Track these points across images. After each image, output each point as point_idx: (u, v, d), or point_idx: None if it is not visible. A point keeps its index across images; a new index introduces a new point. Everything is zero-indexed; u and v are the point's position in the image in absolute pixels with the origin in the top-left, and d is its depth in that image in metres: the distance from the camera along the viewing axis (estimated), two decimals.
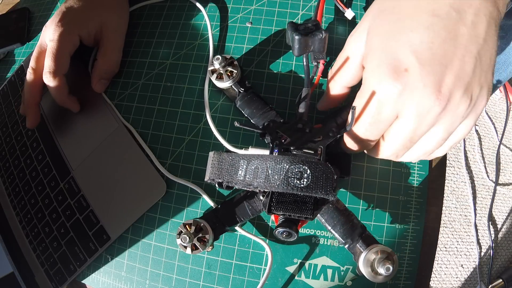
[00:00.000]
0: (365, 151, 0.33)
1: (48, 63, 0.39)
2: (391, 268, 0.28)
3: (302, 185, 0.27)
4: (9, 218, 0.44)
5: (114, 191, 0.40)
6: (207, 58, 0.43)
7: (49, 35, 0.40)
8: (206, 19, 0.44)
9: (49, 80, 0.40)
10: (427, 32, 0.24)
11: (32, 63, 0.41)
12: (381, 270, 0.29)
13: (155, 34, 0.46)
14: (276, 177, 0.28)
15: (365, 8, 0.43)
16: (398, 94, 0.25)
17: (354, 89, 0.32)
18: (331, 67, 0.34)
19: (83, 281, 0.40)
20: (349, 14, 0.40)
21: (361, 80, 0.29)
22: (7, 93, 0.50)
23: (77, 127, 0.44)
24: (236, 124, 0.30)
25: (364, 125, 0.29)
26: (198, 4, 0.45)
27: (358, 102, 0.29)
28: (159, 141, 0.41)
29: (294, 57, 0.41)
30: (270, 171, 0.28)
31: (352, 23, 0.42)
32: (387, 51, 0.26)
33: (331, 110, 0.37)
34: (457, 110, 0.25)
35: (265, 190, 0.30)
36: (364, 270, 0.30)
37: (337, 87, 0.33)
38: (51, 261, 0.40)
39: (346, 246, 0.32)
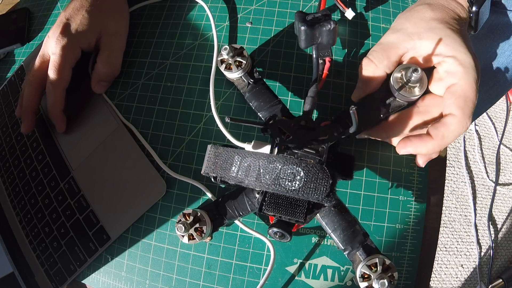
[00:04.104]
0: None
1: (51, 75, 0.40)
2: (386, 283, 0.27)
3: (293, 188, 0.27)
4: (9, 218, 0.44)
5: (114, 191, 0.40)
6: (207, 58, 0.43)
7: (51, 47, 0.40)
8: (209, 15, 0.44)
9: (50, 91, 0.40)
10: None
11: (33, 71, 0.41)
12: (376, 285, 0.27)
13: (155, 34, 0.46)
14: (267, 177, 0.27)
15: (365, 8, 0.43)
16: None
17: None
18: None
19: (83, 281, 0.40)
20: (349, 14, 0.40)
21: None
22: (7, 93, 0.50)
23: (77, 127, 0.44)
24: (226, 119, 0.29)
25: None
26: (201, 2, 0.45)
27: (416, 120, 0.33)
28: (159, 141, 0.41)
29: (294, 57, 0.41)
30: (261, 170, 0.27)
31: (352, 23, 0.42)
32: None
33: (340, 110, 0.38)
34: None
35: (256, 189, 0.29)
36: (360, 281, 0.29)
37: (379, 71, 0.34)
38: (51, 261, 0.40)
39: (346, 253, 0.30)
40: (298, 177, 0.27)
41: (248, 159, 0.28)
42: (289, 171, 0.27)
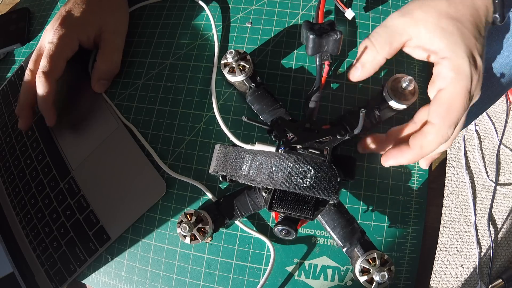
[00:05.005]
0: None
1: (43, 63, 0.39)
2: (386, 275, 0.28)
3: (304, 185, 0.28)
4: (9, 218, 0.44)
5: (114, 191, 0.40)
6: (207, 58, 0.43)
7: (48, 37, 0.40)
8: (209, 15, 0.44)
9: (40, 80, 0.39)
10: None
11: (30, 65, 0.41)
12: (377, 277, 0.28)
13: (155, 34, 0.46)
14: (279, 175, 0.28)
15: (365, 8, 0.43)
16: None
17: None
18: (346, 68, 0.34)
19: (83, 281, 0.40)
20: (349, 14, 0.40)
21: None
22: (7, 93, 0.50)
23: (77, 127, 0.44)
24: (244, 119, 0.30)
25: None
26: (201, 2, 0.45)
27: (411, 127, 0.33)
28: (159, 141, 0.41)
29: (294, 57, 0.41)
30: (274, 168, 0.28)
31: (352, 23, 0.42)
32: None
33: (343, 112, 0.38)
34: None
35: (268, 187, 0.30)
36: (359, 275, 0.30)
37: (379, 57, 0.32)
38: (51, 261, 0.40)
39: (344, 249, 0.32)
40: (309, 175, 0.28)
41: (259, 157, 0.29)
42: (300, 169, 0.28)
